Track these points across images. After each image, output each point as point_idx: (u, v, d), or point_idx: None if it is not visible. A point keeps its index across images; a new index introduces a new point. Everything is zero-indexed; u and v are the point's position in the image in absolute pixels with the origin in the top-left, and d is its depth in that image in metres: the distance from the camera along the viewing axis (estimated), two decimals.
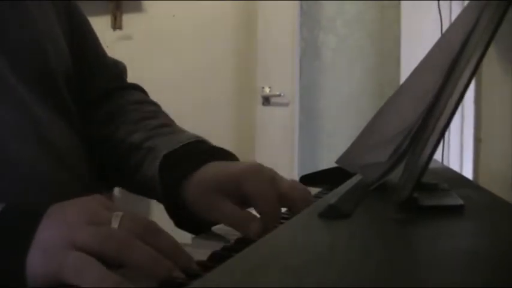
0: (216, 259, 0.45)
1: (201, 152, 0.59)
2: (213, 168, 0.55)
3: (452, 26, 0.55)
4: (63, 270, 0.38)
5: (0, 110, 0.55)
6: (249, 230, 0.50)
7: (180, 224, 0.62)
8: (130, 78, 0.88)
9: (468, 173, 1.62)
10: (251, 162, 0.54)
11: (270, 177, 0.54)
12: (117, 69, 0.84)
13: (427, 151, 0.41)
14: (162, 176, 0.59)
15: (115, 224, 0.40)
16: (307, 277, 0.26)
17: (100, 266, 0.37)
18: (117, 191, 1.80)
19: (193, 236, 0.59)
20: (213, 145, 0.63)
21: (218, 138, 2.69)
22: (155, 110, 0.79)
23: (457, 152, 1.88)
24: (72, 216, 0.42)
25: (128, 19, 2.51)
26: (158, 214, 0.62)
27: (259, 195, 0.51)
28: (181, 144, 0.60)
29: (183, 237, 0.54)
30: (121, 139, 0.69)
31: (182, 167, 0.56)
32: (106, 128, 0.73)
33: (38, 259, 0.40)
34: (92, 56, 0.80)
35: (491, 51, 1.10)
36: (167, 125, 0.72)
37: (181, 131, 0.70)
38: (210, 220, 0.56)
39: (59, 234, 0.40)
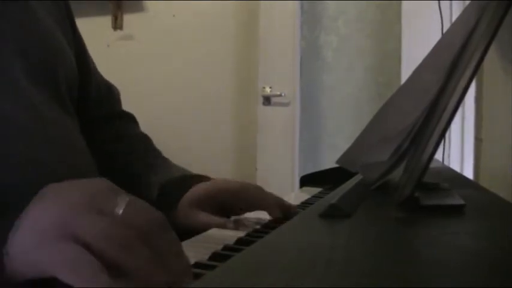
0: (217, 259, 0.45)
1: (183, 182, 0.71)
2: (190, 192, 0.69)
3: (453, 25, 0.55)
4: (54, 263, 0.35)
5: (11, 110, 0.56)
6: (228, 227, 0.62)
7: None
8: (131, 78, 0.89)
9: (469, 172, 1.62)
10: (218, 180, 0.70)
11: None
12: (114, 94, 0.87)
13: (428, 151, 0.41)
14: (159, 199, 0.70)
15: (119, 210, 0.37)
16: (307, 277, 0.26)
17: (96, 267, 0.34)
18: None
19: None
20: (193, 174, 0.74)
21: (218, 138, 2.69)
22: (149, 144, 0.85)
23: (458, 151, 1.88)
24: (72, 198, 0.38)
25: (128, 19, 2.51)
26: None
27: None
28: (170, 178, 0.73)
29: None
30: (122, 160, 0.78)
31: (173, 196, 0.70)
32: (107, 148, 0.79)
33: (27, 242, 0.36)
34: (87, 69, 0.80)
35: (492, 50, 1.10)
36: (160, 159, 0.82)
37: (170, 166, 0.80)
38: (191, 227, 0.65)
39: (56, 219, 0.37)
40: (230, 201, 0.67)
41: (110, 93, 0.86)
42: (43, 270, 0.36)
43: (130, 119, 0.88)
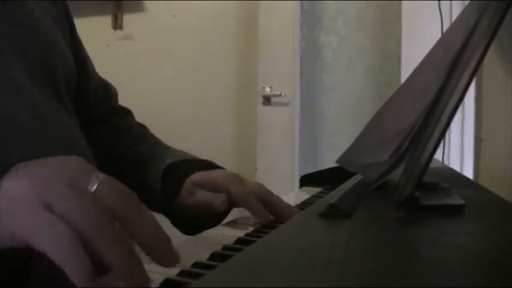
0: (216, 259, 0.45)
1: (192, 164, 0.75)
2: (197, 175, 0.72)
3: (453, 25, 0.55)
4: (33, 233, 0.33)
5: (11, 110, 0.56)
6: (216, 203, 0.65)
7: (175, 222, 0.74)
8: (131, 78, 0.90)
9: (469, 172, 1.62)
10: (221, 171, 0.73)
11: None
12: (111, 93, 0.89)
13: (428, 151, 0.41)
14: (165, 177, 0.72)
15: (92, 187, 0.35)
16: (307, 277, 0.26)
17: (74, 239, 0.33)
18: None
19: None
20: (199, 159, 0.78)
21: (218, 138, 2.69)
22: (148, 131, 0.89)
23: (458, 151, 1.88)
24: (44, 170, 0.37)
25: (128, 19, 2.51)
26: None
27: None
28: (181, 159, 0.76)
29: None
30: (126, 148, 0.81)
31: (180, 174, 0.72)
32: (108, 142, 0.81)
33: (4, 213, 0.35)
34: (85, 70, 0.80)
35: (492, 50, 1.10)
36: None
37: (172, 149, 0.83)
38: (190, 204, 0.69)
39: (28, 188, 0.35)
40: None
41: (107, 93, 0.87)
42: (16, 239, 0.34)
43: (126, 112, 0.90)
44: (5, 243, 0.35)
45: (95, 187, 0.36)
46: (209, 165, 0.76)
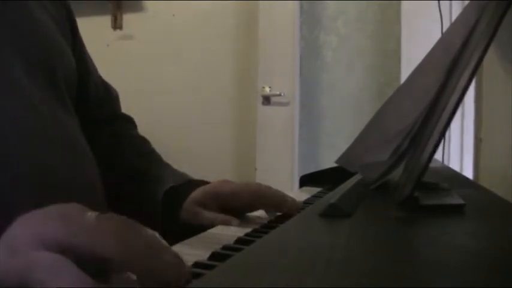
0: (217, 259, 0.45)
1: (190, 184, 0.75)
2: (194, 193, 0.72)
3: (453, 25, 0.55)
4: (34, 270, 0.34)
5: (11, 109, 0.56)
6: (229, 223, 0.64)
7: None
8: (131, 78, 0.89)
9: (468, 172, 1.62)
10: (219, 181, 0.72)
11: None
12: (112, 96, 0.88)
13: (428, 150, 0.41)
14: (166, 198, 0.73)
15: (89, 220, 0.36)
16: (307, 277, 0.26)
17: (74, 267, 0.34)
18: None
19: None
20: (196, 179, 0.78)
21: (218, 138, 2.68)
22: (150, 145, 0.88)
23: (458, 151, 1.88)
24: (42, 215, 0.38)
25: (128, 19, 2.51)
26: None
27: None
28: (183, 181, 0.76)
29: None
30: (127, 158, 0.81)
31: (181, 195, 0.73)
32: (109, 147, 0.81)
33: (4, 256, 0.36)
34: (86, 70, 0.80)
35: (492, 50, 1.10)
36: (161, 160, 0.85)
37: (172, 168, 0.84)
38: (196, 225, 0.67)
39: (30, 231, 0.37)
40: (229, 202, 0.68)
41: (108, 95, 0.86)
42: (25, 281, 0.35)
43: (129, 120, 0.89)
44: (14, 284, 0.36)
45: (92, 221, 0.36)
46: (203, 183, 0.75)
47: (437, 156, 1.40)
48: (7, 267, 0.35)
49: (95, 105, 0.82)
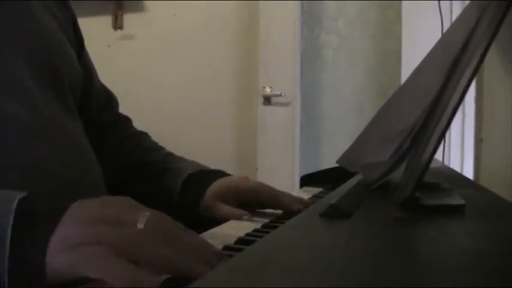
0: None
1: (209, 175, 0.77)
2: (215, 185, 0.74)
3: (453, 25, 0.55)
4: (84, 263, 0.37)
5: (12, 109, 0.56)
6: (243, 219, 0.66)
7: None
8: (131, 78, 0.90)
9: (469, 172, 1.62)
10: (240, 176, 0.76)
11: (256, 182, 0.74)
12: (114, 100, 0.90)
13: (428, 151, 0.41)
14: (184, 189, 0.75)
15: (141, 224, 0.39)
16: (307, 277, 0.26)
17: (122, 260, 0.37)
18: None
19: None
20: (214, 169, 0.80)
21: (219, 138, 2.68)
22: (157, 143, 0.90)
23: (458, 151, 1.88)
24: (97, 212, 0.41)
25: (129, 19, 2.51)
26: None
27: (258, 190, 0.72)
28: (199, 169, 0.78)
29: None
30: (139, 155, 0.82)
31: (201, 185, 0.74)
32: (114, 149, 0.82)
33: (59, 250, 0.39)
34: (88, 72, 0.80)
35: (492, 50, 1.10)
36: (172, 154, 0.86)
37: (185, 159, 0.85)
38: (214, 218, 0.69)
39: (82, 228, 0.39)
40: (248, 198, 0.72)
41: (110, 100, 0.87)
42: (76, 273, 0.38)
43: (128, 120, 0.91)
44: (68, 276, 0.38)
45: (143, 225, 0.40)
46: (223, 174, 0.78)
47: (438, 156, 1.40)
48: (63, 261, 0.38)
49: (97, 108, 0.83)
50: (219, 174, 0.77)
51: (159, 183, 0.77)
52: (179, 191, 0.75)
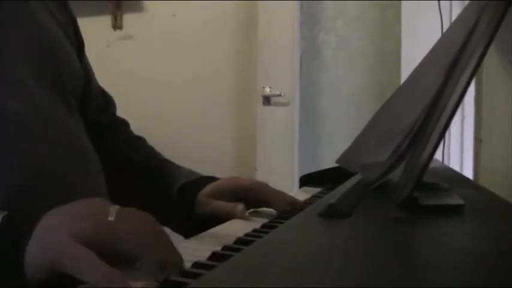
0: (216, 259, 0.45)
1: (202, 180, 0.79)
2: (209, 185, 0.75)
3: (453, 25, 0.55)
4: (62, 259, 0.39)
5: (12, 108, 0.56)
6: (235, 211, 0.68)
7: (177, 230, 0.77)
8: (131, 78, 0.90)
9: (468, 172, 1.62)
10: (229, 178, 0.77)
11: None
12: (111, 102, 0.91)
13: (428, 151, 0.41)
14: (180, 193, 0.77)
15: (111, 217, 0.41)
16: (306, 277, 0.26)
17: (96, 258, 0.38)
18: None
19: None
20: (206, 176, 0.82)
21: (219, 138, 2.68)
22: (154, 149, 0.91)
23: (458, 151, 1.88)
24: (70, 210, 0.43)
25: (128, 19, 2.51)
26: None
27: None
28: (195, 178, 0.79)
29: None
30: (138, 159, 0.83)
31: (194, 189, 0.76)
32: (112, 151, 0.82)
33: (36, 248, 0.41)
34: (87, 73, 0.81)
35: (492, 50, 1.10)
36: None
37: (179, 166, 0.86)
38: (209, 214, 0.71)
39: (57, 224, 0.42)
40: (242, 197, 0.72)
41: (108, 101, 0.87)
42: (55, 269, 0.40)
43: (125, 123, 0.91)
44: (45, 273, 0.40)
45: (113, 217, 0.42)
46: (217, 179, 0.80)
47: (437, 156, 1.40)
48: (40, 256, 0.40)
49: (96, 110, 0.83)
50: (212, 179, 0.79)
51: (156, 191, 0.79)
52: (176, 192, 0.76)
